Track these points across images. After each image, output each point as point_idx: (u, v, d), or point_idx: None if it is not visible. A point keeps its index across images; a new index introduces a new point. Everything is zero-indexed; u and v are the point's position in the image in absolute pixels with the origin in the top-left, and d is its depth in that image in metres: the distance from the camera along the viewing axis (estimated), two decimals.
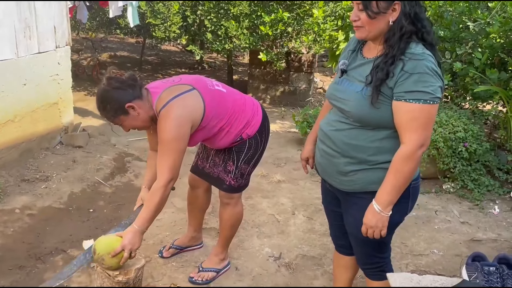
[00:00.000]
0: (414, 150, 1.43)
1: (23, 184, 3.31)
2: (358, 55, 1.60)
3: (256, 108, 2.16)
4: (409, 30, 1.43)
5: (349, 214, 1.69)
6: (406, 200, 1.59)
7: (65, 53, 4.09)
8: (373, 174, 1.55)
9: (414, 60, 1.40)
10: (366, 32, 1.47)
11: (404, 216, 1.67)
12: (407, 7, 1.42)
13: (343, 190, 1.65)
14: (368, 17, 1.43)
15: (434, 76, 1.40)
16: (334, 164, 1.62)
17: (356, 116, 1.51)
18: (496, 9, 3.69)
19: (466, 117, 3.60)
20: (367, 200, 1.56)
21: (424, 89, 1.39)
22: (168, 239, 2.70)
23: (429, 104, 1.40)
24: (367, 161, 1.54)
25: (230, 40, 5.35)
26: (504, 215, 3.18)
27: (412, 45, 1.43)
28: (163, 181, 1.86)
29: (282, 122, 5.46)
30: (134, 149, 4.24)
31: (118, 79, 1.86)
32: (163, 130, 1.84)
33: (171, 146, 1.84)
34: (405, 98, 1.40)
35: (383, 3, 1.40)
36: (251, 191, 3.37)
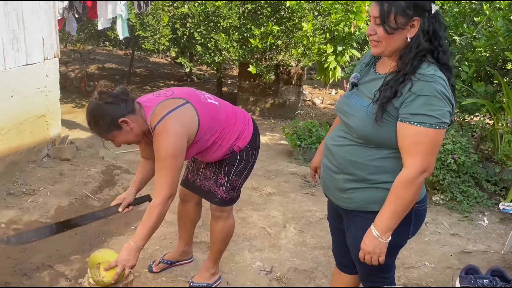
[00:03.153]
0: (416, 175, 1.37)
1: (9, 198, 3.24)
2: (371, 69, 1.55)
3: (247, 121, 2.15)
4: (425, 47, 1.38)
5: (349, 232, 1.65)
6: (408, 224, 1.53)
7: (53, 65, 4.05)
8: (372, 193, 1.51)
9: (423, 81, 1.34)
10: (382, 47, 1.42)
11: (406, 240, 1.60)
12: (426, 24, 1.37)
13: (342, 207, 1.61)
14: (385, 32, 1.38)
15: (442, 100, 1.34)
16: (334, 180, 1.58)
17: (359, 132, 1.47)
18: (482, 24, 3.77)
19: (454, 129, 3.65)
20: (367, 220, 1.52)
21: (430, 113, 1.33)
22: (158, 254, 2.66)
23: (434, 129, 1.34)
24: (366, 179, 1.50)
25: (220, 53, 5.36)
26: (493, 226, 3.20)
27: (424, 65, 1.38)
28: (162, 198, 1.83)
29: (271, 134, 5.46)
30: (122, 161, 4.19)
31: (110, 94, 1.82)
32: (161, 148, 1.80)
33: (169, 163, 1.81)
34: (410, 120, 1.35)
35: (401, 18, 1.35)
36: (242, 203, 3.34)
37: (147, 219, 1.85)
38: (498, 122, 3.75)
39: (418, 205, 1.52)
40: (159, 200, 1.83)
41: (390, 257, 1.58)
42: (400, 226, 1.48)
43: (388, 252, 1.52)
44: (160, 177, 1.83)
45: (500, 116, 3.75)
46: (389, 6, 1.35)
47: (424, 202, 1.56)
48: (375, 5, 1.39)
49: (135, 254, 1.85)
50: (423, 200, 1.55)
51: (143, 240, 1.86)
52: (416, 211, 1.52)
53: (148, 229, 1.85)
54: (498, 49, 3.66)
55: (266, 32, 5.03)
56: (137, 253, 1.86)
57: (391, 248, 1.52)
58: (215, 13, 5.15)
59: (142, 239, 1.85)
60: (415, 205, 1.49)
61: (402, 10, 1.34)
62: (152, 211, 1.84)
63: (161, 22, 5.32)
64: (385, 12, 1.35)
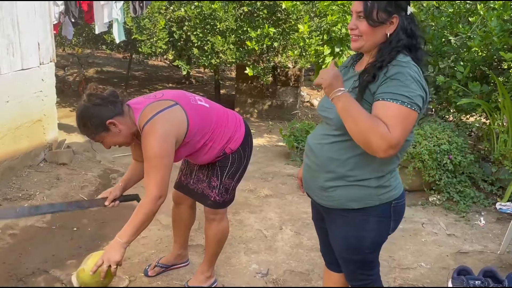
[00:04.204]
0: (388, 146, 1.34)
1: (5, 203, 3.24)
2: (350, 70, 1.64)
3: (239, 122, 2.16)
4: (404, 42, 1.47)
5: (332, 231, 1.68)
6: (388, 220, 1.58)
7: (49, 69, 4.06)
8: (351, 191, 1.54)
9: (398, 66, 1.43)
10: (362, 42, 1.50)
11: (386, 236, 1.64)
12: (405, 22, 1.47)
13: (324, 205, 1.64)
14: (369, 25, 1.47)
15: (415, 83, 1.40)
16: (316, 178, 1.62)
17: (338, 123, 1.49)
18: (477, 24, 3.77)
19: (450, 129, 3.65)
20: (347, 218, 1.56)
21: (403, 93, 1.38)
22: (154, 257, 2.65)
23: (406, 107, 1.37)
24: (346, 176, 1.53)
25: (217, 55, 5.37)
26: (489, 226, 3.20)
27: (401, 55, 1.47)
28: (150, 197, 1.83)
29: (269, 136, 5.46)
30: (119, 165, 4.19)
31: (98, 96, 1.84)
32: (148, 147, 1.82)
33: (157, 162, 1.82)
34: (383, 97, 1.40)
35: (383, 14, 1.45)
36: (238, 206, 3.34)
37: (134, 216, 1.86)
38: (494, 122, 3.75)
39: (396, 202, 1.56)
40: (147, 199, 1.84)
41: (372, 253, 1.63)
42: (380, 223, 1.55)
43: (370, 248, 1.59)
44: (149, 176, 1.84)
45: (496, 116, 3.75)
46: (372, 2, 1.45)
47: (402, 199, 1.60)
48: (359, 1, 1.48)
49: (119, 249, 1.83)
50: (401, 196, 1.59)
51: (129, 236, 1.85)
52: (394, 207, 1.56)
53: (135, 226, 1.85)
54: (493, 49, 3.66)
55: (263, 34, 5.03)
56: (122, 249, 1.84)
57: (372, 244, 1.58)
58: (211, 16, 5.16)
59: (127, 235, 1.84)
60: (393, 202, 1.54)
61: (383, 7, 1.44)
62: (140, 209, 1.85)
63: (157, 25, 5.33)
64: (368, 7, 1.45)
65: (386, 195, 1.54)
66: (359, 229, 1.57)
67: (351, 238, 1.60)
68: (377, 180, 1.52)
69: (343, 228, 1.59)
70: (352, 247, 1.61)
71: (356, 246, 1.60)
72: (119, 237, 1.85)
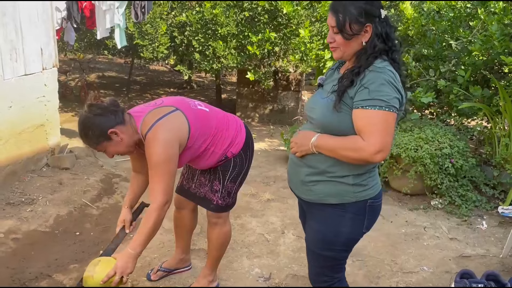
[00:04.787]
0: (373, 151, 1.44)
1: (8, 208, 3.25)
2: (335, 72, 1.71)
3: (240, 126, 2.17)
4: (380, 48, 1.52)
5: (309, 225, 1.75)
6: (362, 217, 1.63)
7: (52, 74, 4.08)
8: (330, 186, 1.60)
9: (374, 72, 1.49)
10: (341, 52, 1.57)
11: (361, 234, 1.69)
12: (378, 28, 1.52)
13: (304, 199, 1.70)
14: (344, 39, 1.53)
15: (390, 87, 1.47)
16: (298, 173, 1.68)
17: (320, 122, 1.59)
18: (478, 28, 3.78)
19: (452, 133, 3.65)
20: (325, 213, 1.63)
21: (379, 97, 1.45)
22: (156, 262, 2.66)
23: (384, 111, 1.45)
24: (326, 172, 1.60)
25: (218, 60, 5.39)
26: (492, 230, 3.19)
27: (378, 61, 1.52)
28: (158, 204, 1.84)
29: (271, 140, 5.47)
30: (121, 170, 4.20)
31: (99, 106, 1.85)
32: (152, 154, 1.82)
33: (162, 169, 1.83)
34: (362, 105, 1.47)
35: (356, 26, 1.50)
36: (240, 210, 3.35)
37: (144, 225, 1.86)
38: (496, 126, 3.75)
39: (372, 201, 1.62)
40: (155, 206, 1.84)
41: (345, 251, 1.69)
42: (354, 220, 1.62)
43: (344, 245, 1.66)
44: (154, 183, 1.84)
45: (497, 120, 3.75)
46: (344, 16, 1.50)
47: (378, 199, 1.66)
48: (332, 16, 1.53)
49: (133, 261, 1.85)
50: (377, 196, 1.65)
51: (141, 246, 1.86)
52: (370, 206, 1.62)
53: (145, 235, 1.86)
54: (494, 53, 3.67)
55: (264, 39, 5.05)
56: (135, 260, 1.86)
57: (346, 240, 1.65)
58: (212, 21, 5.18)
59: (139, 245, 1.85)
60: (369, 200, 1.61)
61: (355, 19, 1.49)
62: (149, 217, 1.85)
63: (159, 31, 5.36)
64: (340, 22, 1.50)
65: (363, 193, 1.60)
66: (335, 224, 1.63)
67: (327, 233, 1.65)
68: (354, 178, 1.58)
69: (320, 222, 1.66)
70: (326, 242, 1.66)
71: (331, 241, 1.65)
72: (131, 248, 1.84)
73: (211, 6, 5.08)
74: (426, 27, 4.36)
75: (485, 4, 3.92)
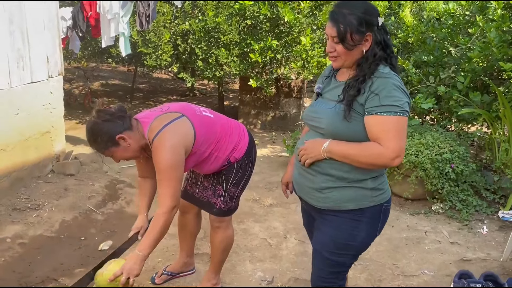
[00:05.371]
0: (392, 156, 1.48)
1: (14, 213, 3.30)
2: (332, 79, 1.72)
3: (243, 132, 2.21)
4: (380, 55, 1.56)
5: (320, 230, 1.73)
6: (377, 221, 1.66)
7: (58, 82, 4.15)
8: (348, 192, 1.61)
9: (382, 78, 1.52)
10: (342, 61, 1.59)
11: (374, 238, 1.71)
12: (378, 36, 1.55)
13: (318, 207, 1.68)
14: (346, 49, 1.54)
15: (400, 91, 1.51)
16: (311, 181, 1.67)
17: (330, 131, 1.59)
18: (476, 35, 3.84)
19: (452, 139, 3.69)
20: (342, 219, 1.63)
21: (393, 103, 1.48)
22: (160, 266, 2.70)
23: (399, 116, 1.48)
24: (343, 178, 1.60)
25: (221, 68, 5.46)
26: (492, 234, 3.22)
27: (381, 67, 1.55)
28: (166, 208, 1.88)
29: (273, 147, 5.51)
30: (126, 176, 4.25)
31: (107, 112, 1.89)
32: (160, 160, 1.87)
33: (169, 174, 1.87)
34: (376, 112, 1.49)
35: (357, 36, 1.52)
36: (243, 215, 3.39)
37: (152, 228, 1.90)
38: (495, 131, 3.79)
39: (386, 204, 1.65)
40: (163, 210, 1.88)
41: (354, 257, 1.70)
42: (369, 224, 1.64)
43: (356, 249, 1.68)
44: (162, 188, 1.88)
45: (497, 125, 3.79)
46: (345, 26, 1.51)
47: (390, 202, 1.69)
48: (331, 26, 1.54)
49: (140, 262, 1.88)
50: (389, 199, 1.68)
51: (149, 248, 1.90)
52: (384, 209, 1.65)
53: (154, 238, 1.90)
54: (493, 59, 3.72)
55: (266, 46, 5.12)
56: (143, 262, 1.90)
57: (360, 244, 1.67)
58: (215, 29, 5.26)
59: (147, 247, 1.89)
60: (384, 204, 1.63)
61: (356, 29, 1.51)
62: (157, 221, 1.89)
63: (162, 39, 5.44)
64: (342, 32, 1.51)
65: (380, 197, 1.63)
66: (351, 229, 1.64)
67: (342, 238, 1.65)
68: (372, 182, 1.60)
69: (335, 227, 1.65)
70: (340, 247, 1.66)
71: (345, 246, 1.66)
72: (139, 250, 1.88)
73: (214, 14, 5.16)
74: (426, 34, 4.42)
75: (483, 12, 3.97)
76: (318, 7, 5.31)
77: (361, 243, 1.67)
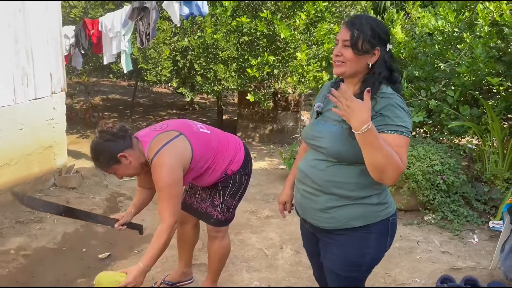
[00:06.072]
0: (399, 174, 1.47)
1: (17, 226, 3.40)
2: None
3: (239, 145, 2.33)
4: (385, 75, 1.59)
5: (329, 250, 1.71)
6: (385, 236, 1.66)
7: (60, 98, 4.28)
8: (354, 210, 1.61)
9: (386, 98, 1.54)
10: (346, 68, 1.60)
11: (384, 253, 1.70)
12: (385, 56, 1.60)
13: (324, 227, 1.67)
14: (354, 54, 1.57)
15: (405, 112, 1.54)
16: (315, 202, 1.66)
17: (333, 151, 1.59)
18: (465, 51, 3.98)
19: (443, 151, 3.80)
20: (349, 237, 1.63)
21: (400, 123, 1.51)
22: (159, 276, 2.78)
23: (405, 136, 1.51)
24: (348, 196, 1.60)
25: (219, 82, 5.59)
26: (482, 244, 3.31)
27: (383, 87, 1.58)
28: (167, 224, 1.99)
29: (270, 160, 5.62)
30: (126, 189, 4.35)
31: (109, 132, 2.02)
32: (159, 179, 1.98)
33: (168, 192, 1.98)
34: (385, 130, 1.51)
35: (367, 45, 1.57)
36: (240, 226, 3.48)
37: (155, 243, 2.00)
38: (485, 143, 3.90)
39: (393, 218, 1.67)
40: (165, 225, 1.98)
41: (367, 271, 1.71)
42: (378, 240, 1.64)
43: (368, 265, 1.66)
44: (163, 205, 1.99)
45: (487, 138, 3.90)
46: (359, 33, 1.56)
47: (396, 216, 1.71)
48: (346, 31, 1.58)
49: (143, 275, 1.99)
50: (395, 213, 1.70)
51: (151, 262, 2.00)
52: (391, 223, 1.66)
53: (156, 252, 1.99)
54: (481, 74, 3.85)
55: (263, 62, 5.26)
56: (145, 274, 2.00)
57: (371, 261, 1.66)
58: (213, 45, 5.41)
59: (150, 261, 1.99)
60: (390, 217, 1.65)
61: (368, 39, 1.56)
62: (160, 236, 1.99)
63: (162, 55, 5.58)
64: (355, 37, 1.56)
65: (385, 211, 1.64)
66: (360, 246, 1.63)
67: (352, 256, 1.65)
68: (377, 197, 1.61)
69: (344, 246, 1.64)
70: (351, 264, 1.66)
71: (356, 263, 1.65)
72: (142, 263, 1.98)
73: (212, 31, 5.31)
74: (417, 50, 4.56)
75: (472, 28, 4.12)
76: (313, 24, 5.47)
77: (371, 259, 1.66)
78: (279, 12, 5.54)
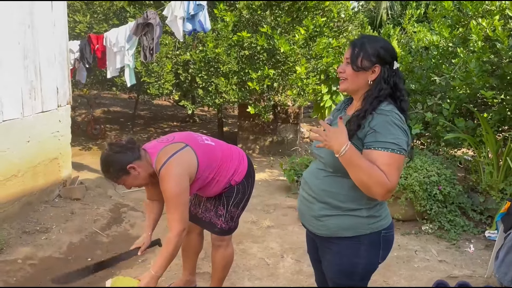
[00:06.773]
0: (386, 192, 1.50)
1: (24, 236, 3.47)
2: (342, 113, 1.80)
3: (242, 157, 2.43)
4: (385, 93, 1.61)
5: (325, 259, 1.78)
6: (377, 248, 1.70)
7: (66, 111, 4.39)
8: (344, 220, 1.66)
9: (382, 115, 1.57)
10: (348, 84, 1.68)
11: (377, 265, 1.74)
12: (386, 74, 1.63)
13: (318, 234, 1.75)
14: (352, 70, 1.65)
15: (399, 130, 1.55)
16: (311, 209, 1.73)
17: (330, 162, 1.65)
18: (459, 65, 4.10)
19: (439, 162, 3.90)
20: (340, 246, 1.69)
21: (391, 140, 1.53)
22: (164, 284, 2.85)
23: (396, 154, 1.52)
24: (339, 207, 1.66)
25: (220, 95, 5.71)
26: (478, 253, 3.39)
27: (383, 104, 1.61)
28: (176, 232, 2.07)
29: (271, 171, 5.71)
30: (129, 200, 4.43)
31: (118, 144, 2.11)
32: (167, 189, 2.07)
33: (176, 201, 2.07)
34: (374, 147, 1.54)
35: (366, 62, 1.63)
36: (242, 236, 3.56)
37: (165, 250, 2.08)
38: (480, 155, 4.00)
39: (385, 231, 1.70)
40: (173, 234, 2.07)
41: (362, 281, 1.77)
42: (370, 252, 1.69)
43: (361, 275, 1.73)
44: (171, 214, 2.08)
45: (482, 149, 4.01)
46: (359, 51, 1.64)
47: (391, 229, 1.74)
48: (349, 49, 1.68)
49: (155, 282, 2.07)
50: (390, 227, 1.73)
51: (162, 269, 2.08)
52: (384, 237, 1.70)
53: (166, 259, 2.08)
54: (475, 88, 3.97)
55: (263, 75, 5.39)
56: (157, 281, 2.09)
57: (363, 271, 1.72)
58: (215, 59, 5.54)
59: (161, 268, 2.07)
60: (382, 231, 1.69)
61: (367, 56, 1.63)
62: (169, 244, 2.07)
63: (164, 69, 5.70)
64: (355, 54, 1.64)
65: (376, 224, 1.67)
66: (352, 256, 1.68)
67: (344, 265, 1.70)
68: (367, 210, 1.65)
69: (336, 255, 1.71)
70: (344, 273, 1.71)
71: (349, 272, 1.71)
72: (153, 270, 2.06)
73: (213, 45, 5.44)
74: (413, 64, 4.69)
75: (465, 43, 4.25)
76: (312, 39, 5.61)
77: (364, 269, 1.70)
78: (278, 27, 5.70)
